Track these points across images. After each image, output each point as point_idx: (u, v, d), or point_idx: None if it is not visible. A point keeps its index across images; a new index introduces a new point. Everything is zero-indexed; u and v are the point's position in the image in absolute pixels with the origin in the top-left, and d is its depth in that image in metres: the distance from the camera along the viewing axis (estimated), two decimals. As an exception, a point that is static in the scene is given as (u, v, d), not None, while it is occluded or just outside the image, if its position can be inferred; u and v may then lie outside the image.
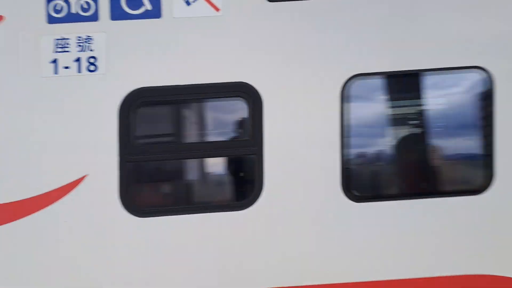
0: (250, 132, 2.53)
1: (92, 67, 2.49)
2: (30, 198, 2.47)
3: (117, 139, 2.47)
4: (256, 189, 2.50)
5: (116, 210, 2.46)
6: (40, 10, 2.48)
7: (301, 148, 2.52)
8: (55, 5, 2.49)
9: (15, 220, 2.47)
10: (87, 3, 2.49)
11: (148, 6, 2.51)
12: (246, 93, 2.51)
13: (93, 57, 2.49)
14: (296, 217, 2.51)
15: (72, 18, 2.49)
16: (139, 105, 2.52)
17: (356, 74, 2.51)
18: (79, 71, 2.49)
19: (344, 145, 2.50)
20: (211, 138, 2.82)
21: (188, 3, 2.52)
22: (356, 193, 2.53)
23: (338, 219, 2.52)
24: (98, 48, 2.49)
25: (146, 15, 2.51)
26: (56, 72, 2.49)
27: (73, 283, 2.49)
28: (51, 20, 2.49)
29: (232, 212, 2.51)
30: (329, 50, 2.56)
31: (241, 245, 2.53)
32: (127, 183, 2.49)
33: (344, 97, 2.50)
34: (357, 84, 2.53)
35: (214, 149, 2.64)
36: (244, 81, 2.50)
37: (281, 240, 2.51)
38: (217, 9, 2.53)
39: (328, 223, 2.52)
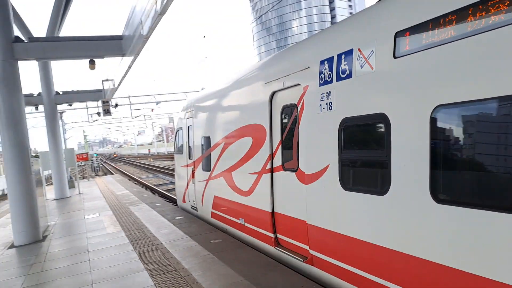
0: (385, 145, 3.82)
1: (330, 107, 4.74)
2: (316, 172, 5.13)
3: (338, 145, 4.59)
4: (387, 183, 3.79)
5: (336, 187, 4.61)
6: (315, 80, 5.02)
7: (407, 158, 3.51)
8: (321, 77, 4.94)
9: (312, 182, 5.22)
10: (329, 74, 4.75)
11: (347, 72, 4.40)
12: (383, 119, 3.82)
13: (331, 102, 4.74)
14: (406, 208, 3.57)
15: (324, 83, 4.85)
16: (344, 127, 4.48)
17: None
18: (327, 110, 4.82)
19: (432, 156, 3.25)
20: (369, 147, 4.17)
21: (361, 67, 4.16)
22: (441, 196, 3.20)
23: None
24: (332, 97, 4.70)
25: (347, 77, 4.41)
26: (320, 111, 4.96)
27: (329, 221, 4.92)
28: (320, 84, 4.97)
29: (377, 196, 3.94)
30: (421, 85, 3.32)
31: (376, 221, 3.93)
32: (342, 172, 4.55)
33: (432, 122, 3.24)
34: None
35: (372, 155, 4.07)
36: (382, 112, 3.83)
37: (401, 224, 3.67)
38: (372, 68, 3.99)
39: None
